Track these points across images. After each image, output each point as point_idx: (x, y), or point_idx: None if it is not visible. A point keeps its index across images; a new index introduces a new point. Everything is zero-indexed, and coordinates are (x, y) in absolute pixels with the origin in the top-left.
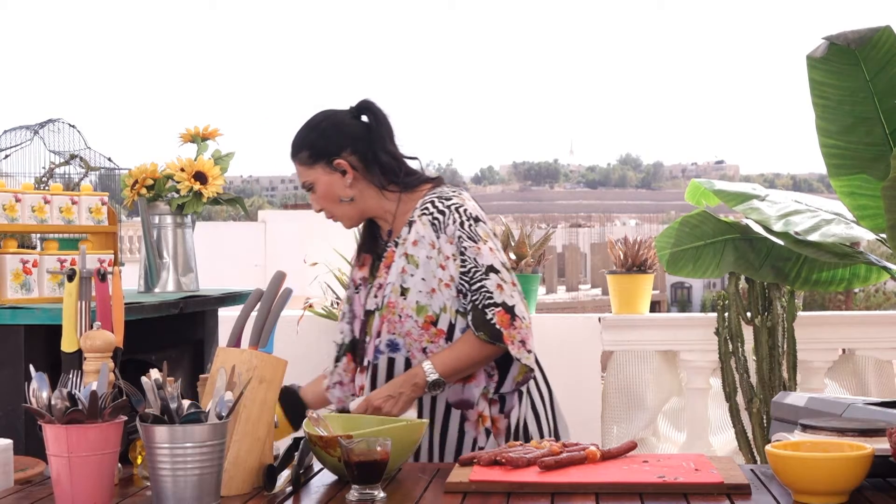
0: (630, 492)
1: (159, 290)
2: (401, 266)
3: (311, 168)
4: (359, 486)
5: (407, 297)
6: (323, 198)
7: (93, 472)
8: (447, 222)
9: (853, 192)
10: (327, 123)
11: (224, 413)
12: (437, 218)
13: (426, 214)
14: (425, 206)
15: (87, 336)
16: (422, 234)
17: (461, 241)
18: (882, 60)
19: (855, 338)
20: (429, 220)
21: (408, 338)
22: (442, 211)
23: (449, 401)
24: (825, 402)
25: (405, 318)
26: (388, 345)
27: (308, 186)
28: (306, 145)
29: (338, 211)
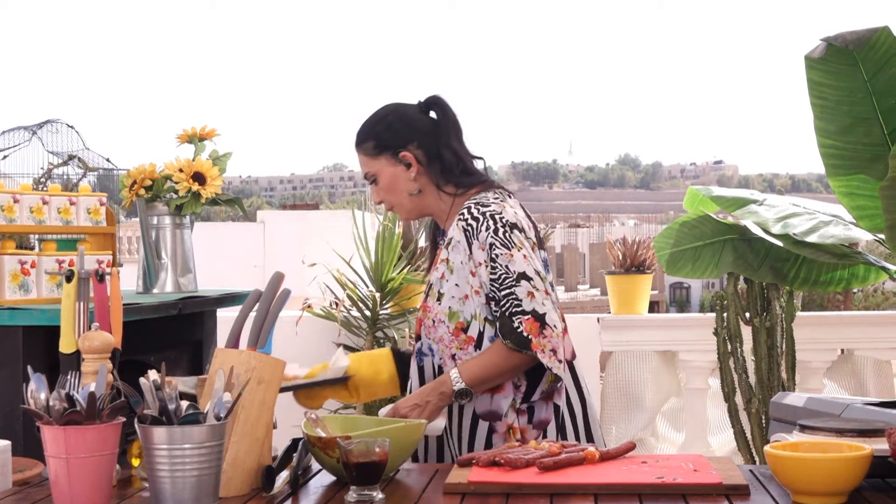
0: (629, 492)
1: (158, 291)
2: (441, 270)
3: (374, 159)
4: (357, 486)
5: (441, 302)
6: (385, 189)
7: (91, 474)
8: (480, 229)
9: (852, 193)
10: (395, 116)
11: (223, 414)
12: (471, 224)
13: (461, 220)
14: (462, 211)
15: (85, 337)
16: (457, 240)
17: (493, 249)
18: (880, 61)
19: (854, 338)
20: (462, 226)
21: (440, 343)
22: (476, 217)
23: (477, 411)
24: (824, 403)
25: (438, 324)
26: (430, 349)
27: (371, 178)
28: (372, 136)
29: (398, 203)
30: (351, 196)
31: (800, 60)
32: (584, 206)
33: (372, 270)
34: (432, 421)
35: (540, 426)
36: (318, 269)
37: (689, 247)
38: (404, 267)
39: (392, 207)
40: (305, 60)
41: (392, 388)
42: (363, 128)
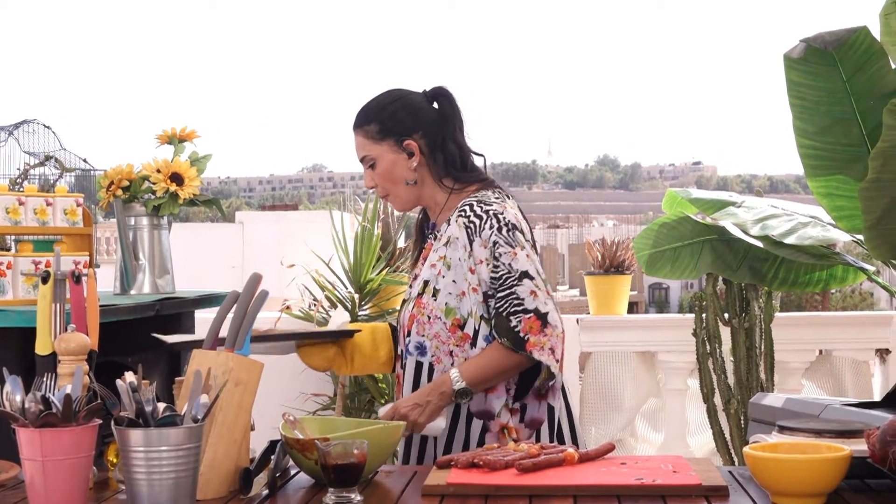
0: (608, 494)
1: (135, 292)
2: (437, 267)
3: (376, 143)
4: (336, 489)
5: (437, 298)
6: (382, 175)
7: (67, 476)
8: (483, 227)
9: (830, 193)
10: (402, 103)
11: (200, 416)
12: (473, 222)
13: (462, 217)
14: (463, 208)
15: (61, 339)
16: (455, 236)
17: (497, 247)
18: (859, 61)
19: (832, 338)
20: (464, 222)
21: (435, 340)
22: (479, 216)
23: (471, 410)
24: (802, 403)
25: (434, 320)
26: (417, 347)
27: (369, 162)
28: (377, 120)
29: (394, 191)
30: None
31: (779, 61)
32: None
33: (351, 271)
34: (432, 421)
35: (532, 425)
36: (297, 270)
37: (669, 247)
38: (383, 268)
39: (386, 195)
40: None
41: (386, 367)
42: (368, 110)
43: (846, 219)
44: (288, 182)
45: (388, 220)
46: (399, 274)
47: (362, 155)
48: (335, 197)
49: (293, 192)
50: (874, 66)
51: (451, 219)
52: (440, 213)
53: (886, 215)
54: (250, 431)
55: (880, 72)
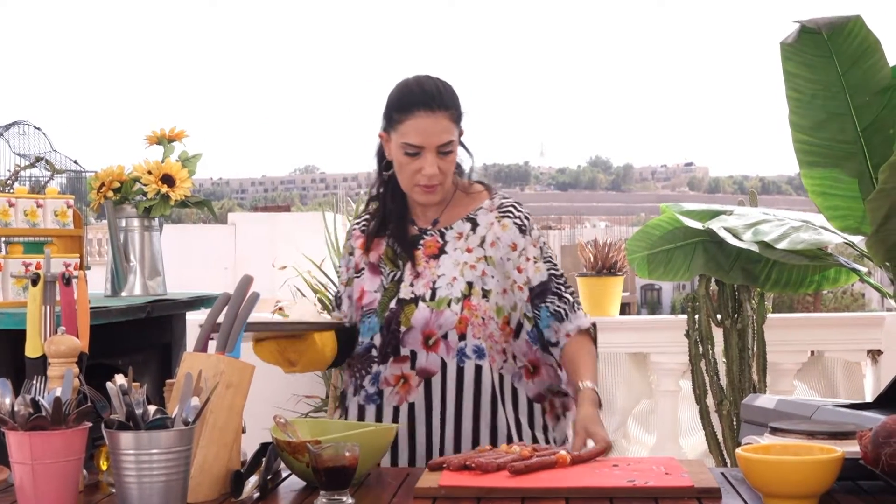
0: (600, 496)
1: (126, 294)
2: (478, 268)
3: (456, 128)
4: (327, 491)
5: (489, 299)
6: (450, 163)
7: (57, 480)
8: (532, 227)
9: (825, 192)
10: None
11: (191, 419)
12: (524, 223)
13: (509, 217)
14: (508, 209)
15: (51, 341)
16: (499, 235)
17: (545, 247)
18: (854, 54)
19: (824, 340)
20: (513, 222)
21: (489, 340)
22: (527, 217)
23: (529, 396)
24: (795, 405)
25: (488, 321)
26: (475, 350)
27: (448, 149)
28: (455, 106)
29: (446, 181)
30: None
31: (771, 65)
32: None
33: None
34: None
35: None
36: (290, 272)
37: (661, 249)
38: None
39: (438, 184)
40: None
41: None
42: (449, 94)
43: (840, 218)
44: (280, 183)
45: None
46: None
47: (447, 139)
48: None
49: (285, 193)
50: (869, 60)
51: (475, 218)
52: (445, 211)
53: (886, 221)
54: (241, 434)
55: (875, 66)
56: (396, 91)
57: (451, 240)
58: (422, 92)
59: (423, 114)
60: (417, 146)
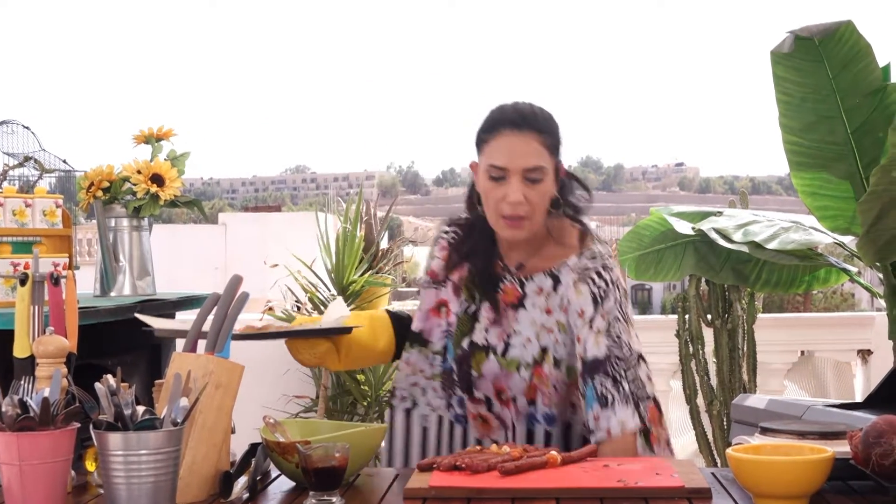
0: (590, 496)
1: (115, 294)
2: (554, 333)
3: (551, 157)
4: (317, 492)
5: (561, 367)
6: (542, 194)
7: (45, 481)
8: (607, 297)
9: (815, 193)
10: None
11: (179, 419)
12: (602, 292)
13: (586, 284)
14: (588, 274)
15: (39, 341)
16: (571, 300)
17: (617, 322)
18: (845, 58)
19: (814, 339)
20: (589, 291)
21: (562, 405)
22: (607, 283)
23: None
24: (785, 405)
25: (560, 387)
26: (546, 417)
27: (537, 175)
28: (551, 132)
29: (537, 216)
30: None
31: (762, 64)
32: None
33: (333, 273)
34: None
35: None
36: (280, 272)
37: (652, 250)
38: (366, 270)
39: (525, 218)
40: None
41: (385, 356)
42: (543, 117)
43: (830, 219)
44: (271, 183)
45: (371, 222)
46: (382, 275)
47: (536, 164)
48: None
49: (276, 193)
50: (860, 63)
51: (558, 276)
52: (532, 255)
53: (876, 222)
54: (231, 434)
55: (866, 69)
56: (488, 112)
57: (530, 293)
58: (512, 110)
59: (510, 132)
60: (502, 168)
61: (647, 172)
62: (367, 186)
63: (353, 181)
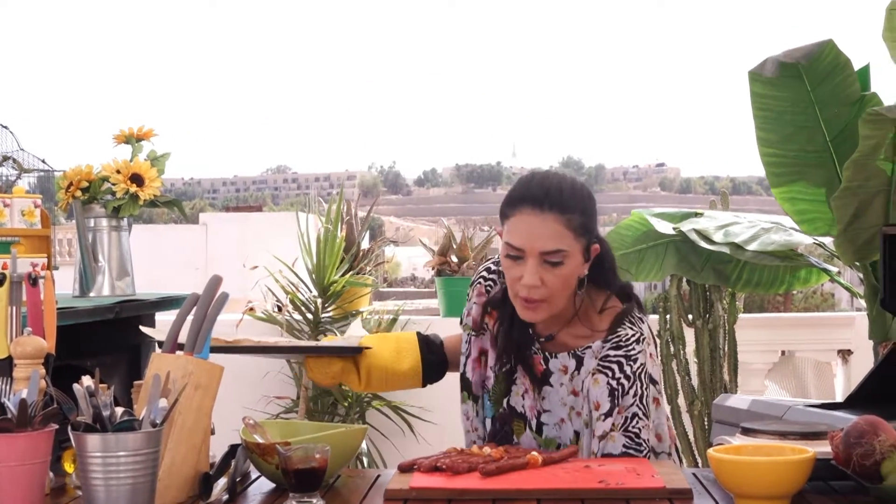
0: (571, 497)
1: (94, 295)
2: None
3: (576, 239)
4: (297, 493)
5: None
6: (564, 277)
7: (22, 483)
8: (627, 391)
9: (793, 198)
10: (594, 201)
11: (158, 420)
12: (622, 385)
13: (605, 375)
14: (608, 366)
15: (17, 342)
16: (589, 388)
17: (635, 420)
18: (823, 73)
19: (795, 339)
20: (606, 381)
21: None
22: (628, 376)
23: None
24: (766, 405)
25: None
26: None
27: (556, 259)
28: (581, 211)
29: (558, 299)
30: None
31: (742, 65)
32: None
33: (314, 273)
34: None
35: None
36: (261, 272)
37: (633, 250)
38: (347, 270)
39: (542, 301)
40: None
41: (412, 380)
42: (570, 193)
43: (808, 222)
44: (252, 183)
45: (352, 222)
46: (362, 276)
47: (556, 248)
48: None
49: (257, 193)
50: (838, 76)
51: (582, 358)
52: (561, 330)
53: (854, 220)
54: (210, 436)
55: (845, 82)
56: (516, 182)
57: (555, 371)
58: (537, 186)
59: (531, 212)
60: (519, 248)
61: (629, 173)
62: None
63: (334, 181)
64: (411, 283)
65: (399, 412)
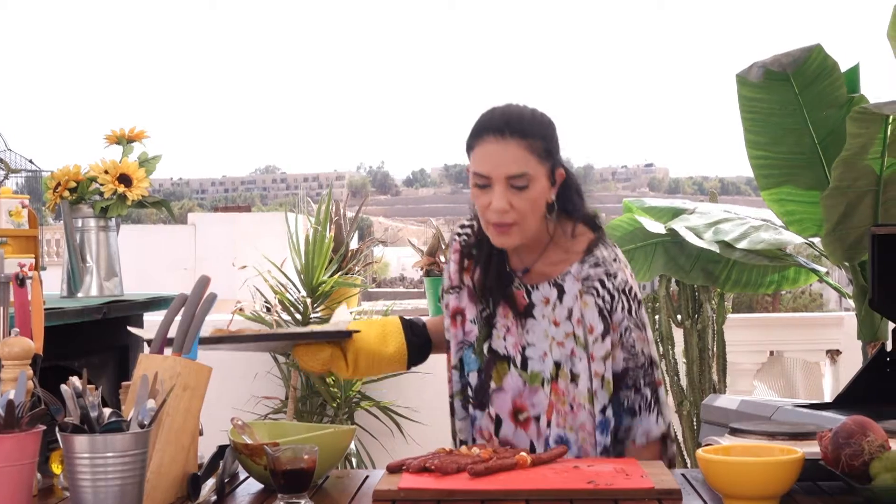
0: (560, 498)
1: (82, 295)
2: (566, 346)
3: (540, 163)
4: (285, 494)
5: (579, 384)
6: (531, 201)
7: (10, 484)
8: (615, 308)
9: (782, 200)
10: (555, 128)
11: (146, 421)
12: (607, 303)
13: (591, 295)
14: (592, 285)
15: (4, 343)
16: (583, 314)
17: (628, 333)
18: (811, 76)
19: (783, 340)
20: (594, 302)
21: (581, 431)
22: (612, 294)
23: None
24: (754, 405)
25: (577, 409)
26: (557, 441)
27: (520, 183)
28: (542, 136)
29: (527, 223)
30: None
31: (731, 66)
32: None
33: (303, 273)
34: None
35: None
36: (250, 273)
37: (622, 250)
38: (336, 270)
39: (513, 224)
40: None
41: (397, 363)
42: (530, 121)
43: (797, 223)
44: (241, 184)
45: (341, 222)
46: (351, 276)
47: (520, 171)
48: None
49: (246, 193)
50: (826, 80)
51: (562, 286)
52: (537, 260)
53: (843, 220)
54: (198, 436)
55: (832, 85)
56: (479, 116)
57: (538, 303)
58: (499, 116)
59: (494, 139)
60: (485, 176)
61: (617, 173)
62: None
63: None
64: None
65: (388, 413)
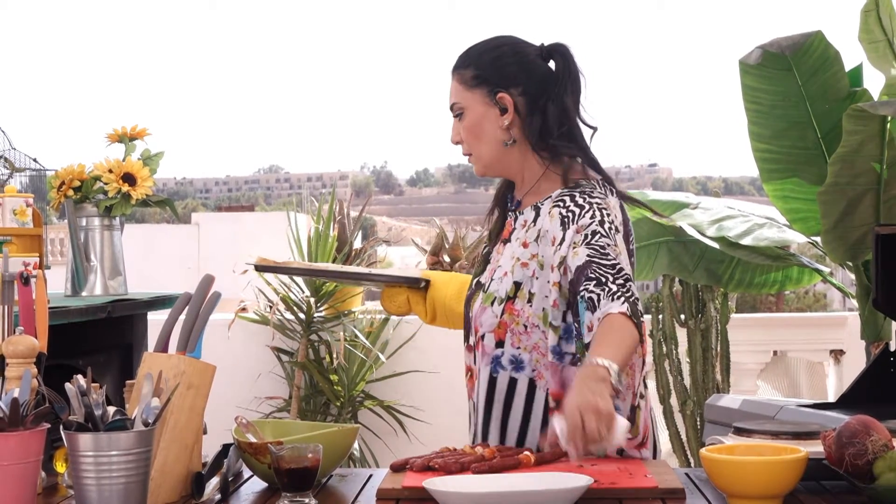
0: None
1: (87, 294)
2: (529, 266)
3: (468, 90)
4: (289, 493)
5: (533, 303)
6: (468, 129)
7: (14, 482)
8: (583, 216)
9: (786, 196)
10: (506, 50)
11: (151, 420)
12: (572, 211)
13: (558, 207)
14: (562, 198)
15: (9, 341)
16: (546, 229)
17: (594, 236)
18: (814, 66)
19: (786, 339)
20: (559, 213)
21: (535, 352)
22: (580, 205)
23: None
24: (758, 405)
25: (532, 329)
26: (512, 361)
27: (457, 111)
28: (474, 64)
29: (477, 150)
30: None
31: (733, 64)
32: None
33: None
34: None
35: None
36: (253, 272)
37: None
38: None
39: (469, 154)
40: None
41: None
42: (468, 53)
43: (801, 221)
44: (244, 183)
45: (344, 222)
46: None
47: (452, 102)
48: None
49: (249, 193)
50: (829, 71)
51: (540, 208)
52: (528, 191)
53: (843, 218)
54: (202, 435)
55: (835, 76)
56: None
57: (518, 227)
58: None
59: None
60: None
61: (621, 173)
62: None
63: (326, 181)
64: None
65: (391, 412)
